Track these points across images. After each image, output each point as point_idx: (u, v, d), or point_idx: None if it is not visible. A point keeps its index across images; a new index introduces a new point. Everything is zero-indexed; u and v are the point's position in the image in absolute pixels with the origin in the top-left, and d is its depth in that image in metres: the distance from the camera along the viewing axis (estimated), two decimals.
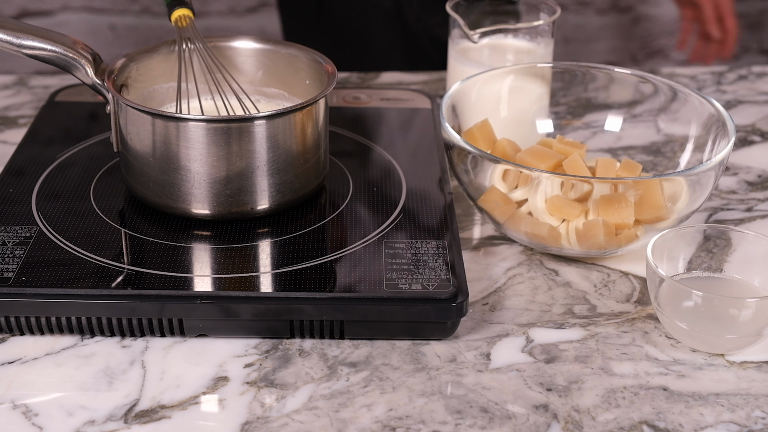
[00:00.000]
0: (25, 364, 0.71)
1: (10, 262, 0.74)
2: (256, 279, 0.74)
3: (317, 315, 0.72)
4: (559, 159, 0.84)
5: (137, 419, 0.66)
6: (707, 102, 0.86)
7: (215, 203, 0.79)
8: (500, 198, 0.81)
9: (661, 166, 0.91)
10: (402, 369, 0.71)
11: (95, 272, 0.74)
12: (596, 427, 0.66)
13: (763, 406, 0.68)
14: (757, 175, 0.96)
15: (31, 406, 0.67)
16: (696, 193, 0.80)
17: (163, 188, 0.80)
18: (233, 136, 0.77)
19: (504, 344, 0.73)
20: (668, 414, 0.67)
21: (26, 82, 1.13)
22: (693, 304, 0.72)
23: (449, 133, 0.81)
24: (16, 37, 0.78)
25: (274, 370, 0.71)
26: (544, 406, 0.68)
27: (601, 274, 0.81)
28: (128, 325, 0.73)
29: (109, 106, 0.81)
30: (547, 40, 1.02)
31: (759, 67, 1.20)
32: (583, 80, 0.95)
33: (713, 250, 0.78)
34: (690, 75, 1.18)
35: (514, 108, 0.95)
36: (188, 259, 0.76)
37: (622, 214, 0.79)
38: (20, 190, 0.84)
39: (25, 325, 0.73)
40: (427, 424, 0.66)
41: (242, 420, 0.66)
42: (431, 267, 0.75)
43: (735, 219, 0.89)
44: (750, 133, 1.04)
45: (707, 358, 0.72)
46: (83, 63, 0.80)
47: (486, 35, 0.99)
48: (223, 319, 0.72)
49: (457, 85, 0.89)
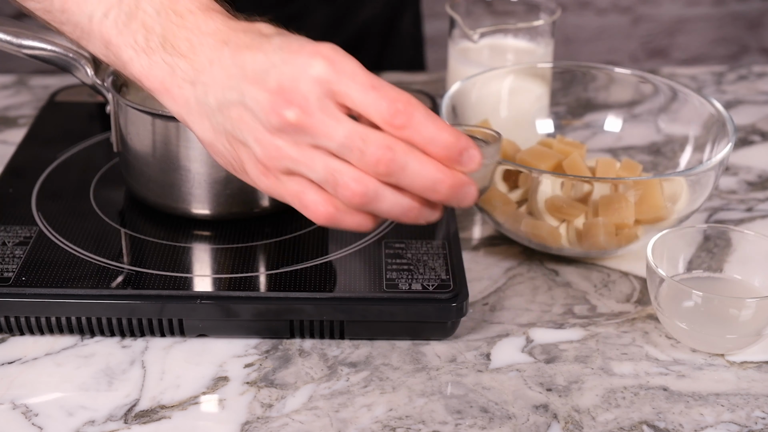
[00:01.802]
0: (25, 364, 0.71)
1: (10, 262, 0.74)
2: (256, 279, 0.74)
3: (317, 315, 0.72)
4: (559, 159, 0.84)
5: (137, 419, 0.66)
6: (707, 102, 0.86)
7: (215, 203, 0.79)
8: (500, 198, 0.81)
9: (661, 166, 0.91)
10: (402, 369, 0.71)
11: (95, 272, 0.74)
12: (596, 427, 0.66)
13: (763, 406, 0.68)
14: (757, 175, 0.96)
15: (31, 406, 0.67)
16: (696, 193, 0.80)
17: (163, 188, 0.80)
18: None
19: (504, 344, 0.73)
20: (668, 414, 0.67)
21: (26, 82, 1.13)
22: (693, 304, 0.72)
23: None
24: (16, 37, 0.78)
25: (274, 370, 0.71)
26: (544, 406, 0.68)
27: (601, 274, 0.81)
28: (128, 325, 0.73)
29: (109, 106, 0.81)
30: (547, 40, 1.02)
31: (759, 67, 1.20)
32: (583, 80, 0.95)
33: (713, 250, 0.78)
34: (690, 75, 1.18)
35: (514, 108, 0.95)
36: (188, 259, 0.76)
37: (622, 214, 0.79)
38: (20, 190, 0.84)
39: (25, 325, 0.73)
40: (427, 424, 0.66)
41: (242, 420, 0.66)
42: (431, 267, 0.75)
43: (735, 219, 0.89)
44: (750, 133, 1.04)
45: (707, 358, 0.72)
46: (83, 63, 0.80)
47: (486, 35, 0.99)
48: (223, 319, 0.72)
49: (457, 85, 0.89)
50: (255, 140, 0.59)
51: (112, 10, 0.62)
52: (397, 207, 0.60)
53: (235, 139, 0.60)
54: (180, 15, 0.62)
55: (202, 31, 0.61)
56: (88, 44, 0.64)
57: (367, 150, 0.57)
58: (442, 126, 0.58)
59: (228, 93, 0.59)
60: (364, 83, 0.57)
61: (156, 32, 0.61)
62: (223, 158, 0.62)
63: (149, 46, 0.62)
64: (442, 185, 0.59)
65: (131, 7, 0.62)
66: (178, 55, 0.61)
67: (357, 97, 0.58)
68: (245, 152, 0.61)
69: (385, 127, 0.58)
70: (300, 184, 0.60)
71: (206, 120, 0.61)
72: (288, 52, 0.58)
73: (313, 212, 0.61)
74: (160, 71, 0.61)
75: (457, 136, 0.58)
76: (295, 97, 0.57)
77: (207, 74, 0.60)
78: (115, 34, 0.62)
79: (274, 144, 0.59)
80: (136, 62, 0.62)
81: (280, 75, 0.58)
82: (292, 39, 0.59)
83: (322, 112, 0.57)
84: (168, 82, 0.61)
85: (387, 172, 0.58)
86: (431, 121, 0.58)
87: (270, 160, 0.59)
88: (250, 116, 0.59)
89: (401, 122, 0.57)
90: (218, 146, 0.61)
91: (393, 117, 0.57)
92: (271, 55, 0.58)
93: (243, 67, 0.59)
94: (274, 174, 0.61)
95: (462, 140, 0.58)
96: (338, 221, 0.61)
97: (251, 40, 0.60)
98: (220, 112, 0.60)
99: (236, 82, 0.59)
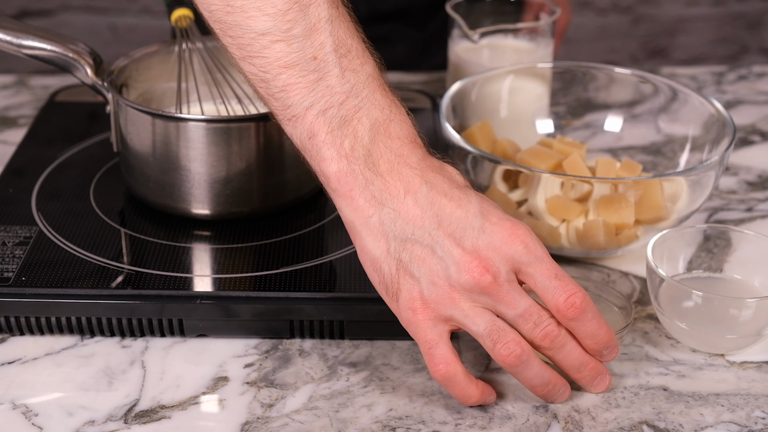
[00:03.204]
0: (25, 364, 0.71)
1: (10, 262, 0.74)
2: (256, 279, 0.74)
3: (317, 315, 0.72)
4: (559, 159, 0.84)
5: (137, 419, 0.66)
6: (707, 102, 0.86)
7: (215, 203, 0.79)
8: (500, 198, 0.81)
9: (661, 166, 0.91)
10: (402, 369, 0.71)
11: (95, 272, 0.74)
12: (596, 427, 0.66)
13: (763, 406, 0.68)
14: (757, 175, 0.96)
15: (31, 406, 0.67)
16: (696, 193, 0.80)
17: (163, 188, 0.80)
18: (233, 136, 0.77)
19: None
20: (668, 414, 0.67)
21: (26, 82, 1.13)
22: (693, 304, 0.72)
23: (449, 133, 0.81)
24: (16, 37, 0.78)
25: (274, 370, 0.71)
26: (544, 406, 0.68)
27: (601, 274, 0.81)
28: (128, 325, 0.73)
29: (109, 106, 0.81)
30: (547, 40, 1.02)
31: (759, 67, 1.20)
32: (583, 80, 0.95)
33: (713, 250, 0.78)
34: (690, 75, 1.18)
35: (514, 108, 0.95)
36: (188, 259, 0.76)
37: (622, 214, 0.79)
38: (20, 190, 0.84)
39: (25, 325, 0.73)
40: (427, 424, 0.66)
41: (242, 420, 0.66)
42: None
43: (735, 219, 0.89)
44: (750, 133, 1.04)
45: (707, 358, 0.72)
46: (83, 63, 0.80)
47: (486, 35, 0.99)
48: (223, 319, 0.72)
49: (457, 85, 0.89)
50: (431, 282, 0.64)
51: (332, 109, 0.64)
52: (539, 378, 0.66)
53: (406, 271, 0.65)
54: (389, 137, 0.65)
55: (404, 160, 0.65)
56: (291, 127, 0.66)
57: (540, 323, 0.64)
58: (603, 324, 0.66)
59: (418, 232, 0.64)
60: (549, 271, 0.64)
61: (364, 144, 0.65)
62: (379, 276, 0.66)
63: (353, 154, 0.64)
64: (587, 366, 0.67)
65: (350, 112, 0.65)
66: (377, 172, 0.65)
67: (540, 282, 0.64)
68: (410, 284, 0.65)
69: (557, 315, 0.65)
70: (441, 335, 0.65)
71: (383, 241, 0.65)
72: (488, 221, 0.64)
73: (434, 365, 0.65)
74: (354, 180, 0.65)
75: (611, 335, 0.66)
76: (490, 265, 0.63)
77: (399, 202, 0.65)
78: (326, 131, 0.64)
79: (450, 294, 0.64)
80: (335, 164, 0.64)
81: (477, 241, 0.64)
82: (489, 207, 0.65)
83: (509, 284, 0.64)
84: (357, 192, 0.65)
85: (549, 346, 0.65)
86: (596, 320, 0.65)
87: (437, 304, 0.64)
88: (437, 262, 0.64)
89: (573, 315, 0.64)
90: (383, 266, 0.65)
91: (567, 309, 0.64)
92: (472, 219, 0.64)
93: (440, 216, 0.64)
94: (428, 315, 0.65)
95: (614, 339, 0.67)
96: (451, 381, 0.65)
97: (449, 189, 0.65)
98: (402, 242, 0.64)
99: (430, 227, 0.64)
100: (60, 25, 2.25)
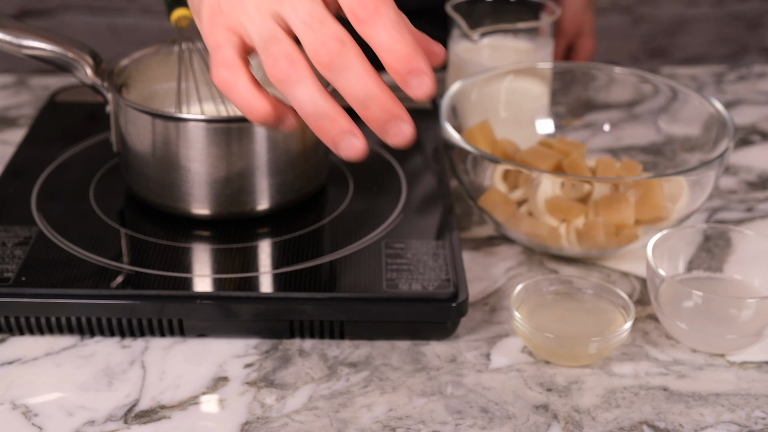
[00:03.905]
0: (25, 364, 0.71)
1: (10, 263, 0.74)
2: (256, 279, 0.74)
3: (317, 315, 0.72)
4: (559, 159, 0.84)
5: (137, 419, 0.66)
6: (707, 102, 0.86)
7: (215, 203, 0.79)
8: (500, 198, 0.81)
9: (661, 166, 0.91)
10: (402, 369, 0.71)
11: (95, 272, 0.74)
12: (596, 427, 0.66)
13: (763, 406, 0.68)
14: (757, 175, 0.96)
15: (31, 406, 0.67)
16: (696, 193, 0.80)
17: (163, 188, 0.80)
18: (233, 136, 0.77)
19: (504, 344, 0.73)
20: (668, 414, 0.67)
21: (26, 82, 1.13)
22: (693, 304, 0.72)
23: (449, 133, 0.81)
24: (16, 37, 0.78)
25: (274, 370, 0.71)
26: (544, 406, 0.68)
27: (601, 274, 0.81)
28: (128, 326, 0.73)
29: (109, 106, 0.81)
30: (547, 40, 1.02)
31: (759, 67, 1.20)
32: (583, 80, 0.95)
33: (713, 250, 0.78)
34: (690, 75, 1.18)
35: (514, 108, 0.95)
36: (188, 259, 0.76)
37: (622, 214, 0.79)
38: (20, 190, 0.84)
39: (25, 325, 0.73)
40: (427, 424, 0.66)
41: (242, 420, 0.66)
42: (431, 267, 0.75)
43: (735, 219, 0.89)
44: (750, 133, 1.04)
45: (707, 358, 0.72)
46: (83, 63, 0.80)
47: (486, 35, 0.99)
48: (223, 319, 0.72)
49: (457, 85, 0.89)
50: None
51: None
52: (311, 103, 0.56)
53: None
54: None
55: None
56: None
57: (320, 32, 0.55)
58: (406, 37, 0.54)
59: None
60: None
61: None
62: (191, 3, 0.63)
63: None
64: (376, 102, 0.55)
65: None
66: None
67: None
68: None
69: (348, 14, 0.55)
70: (229, 40, 0.59)
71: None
72: None
73: (215, 69, 0.59)
74: None
75: (416, 53, 0.54)
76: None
77: None
78: None
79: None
80: None
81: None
82: None
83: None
84: None
85: (327, 64, 0.54)
86: (396, 28, 0.54)
87: (231, 11, 0.58)
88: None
89: (363, 16, 0.54)
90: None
91: (358, 5, 0.54)
92: None
93: None
94: (222, 23, 0.59)
95: (419, 60, 0.54)
96: (232, 88, 0.58)
97: None
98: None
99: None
100: (60, 25, 2.25)
